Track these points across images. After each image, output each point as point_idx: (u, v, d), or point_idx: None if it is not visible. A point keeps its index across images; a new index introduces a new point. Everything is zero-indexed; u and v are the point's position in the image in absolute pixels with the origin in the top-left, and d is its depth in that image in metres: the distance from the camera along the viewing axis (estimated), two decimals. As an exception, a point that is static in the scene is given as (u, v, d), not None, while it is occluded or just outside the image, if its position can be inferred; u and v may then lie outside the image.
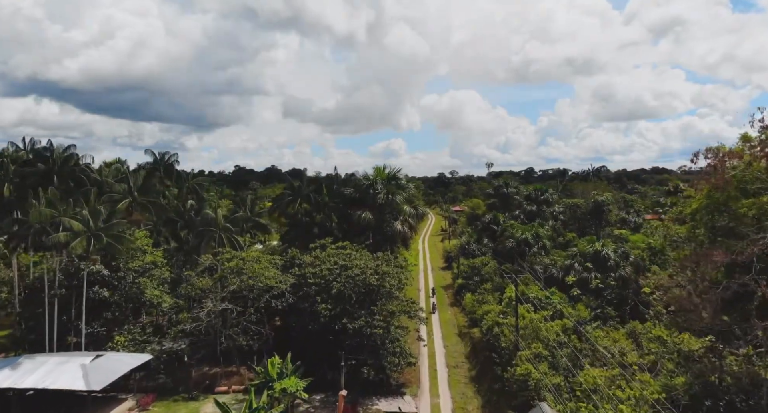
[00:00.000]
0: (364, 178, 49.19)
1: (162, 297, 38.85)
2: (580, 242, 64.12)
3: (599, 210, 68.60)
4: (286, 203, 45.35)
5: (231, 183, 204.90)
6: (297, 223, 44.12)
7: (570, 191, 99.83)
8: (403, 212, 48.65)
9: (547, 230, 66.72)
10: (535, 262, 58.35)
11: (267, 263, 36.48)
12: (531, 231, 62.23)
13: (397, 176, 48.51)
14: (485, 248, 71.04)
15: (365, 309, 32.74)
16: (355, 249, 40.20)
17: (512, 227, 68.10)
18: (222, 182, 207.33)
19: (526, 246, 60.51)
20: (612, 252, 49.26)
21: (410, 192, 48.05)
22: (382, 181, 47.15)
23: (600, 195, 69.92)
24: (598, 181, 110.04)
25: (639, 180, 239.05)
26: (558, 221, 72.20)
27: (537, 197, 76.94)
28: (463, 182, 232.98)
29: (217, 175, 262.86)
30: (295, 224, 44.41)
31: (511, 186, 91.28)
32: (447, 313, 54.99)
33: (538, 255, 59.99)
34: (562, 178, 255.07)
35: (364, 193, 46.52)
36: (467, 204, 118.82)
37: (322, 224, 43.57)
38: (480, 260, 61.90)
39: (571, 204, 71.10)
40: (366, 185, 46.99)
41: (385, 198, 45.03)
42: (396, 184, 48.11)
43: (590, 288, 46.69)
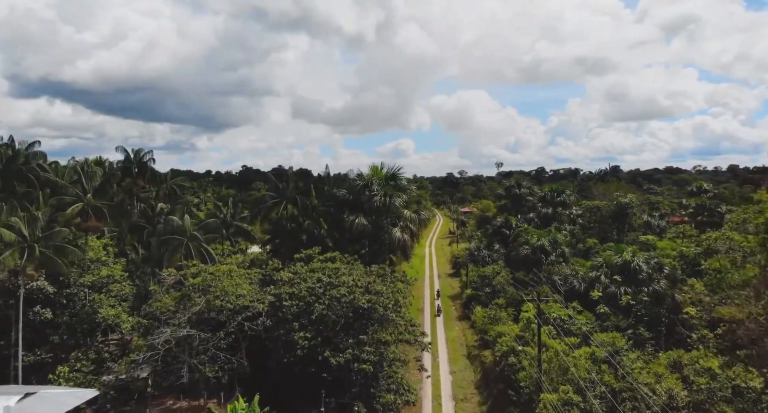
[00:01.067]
0: (358, 177, 43.16)
1: (121, 317, 32.98)
2: (605, 251, 57.51)
3: (623, 213, 61.80)
4: (269, 207, 39.19)
5: (237, 183, 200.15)
6: (281, 230, 37.99)
7: (586, 192, 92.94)
8: (404, 217, 41.75)
9: (565, 235, 60.12)
10: (554, 272, 51.83)
11: (240, 278, 30.41)
12: (548, 236, 55.74)
13: (396, 176, 42.74)
14: (496, 254, 64.56)
15: (353, 337, 26.58)
16: (347, 260, 34.07)
17: (527, 232, 61.59)
18: (228, 183, 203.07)
19: (543, 254, 54.04)
20: (644, 263, 42.66)
21: (412, 194, 41.52)
22: (379, 181, 41.12)
23: (623, 196, 63.13)
24: (616, 181, 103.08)
25: (653, 180, 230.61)
26: (576, 225, 65.51)
27: (553, 199, 70.29)
28: (472, 182, 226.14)
29: (225, 176, 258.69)
30: (279, 231, 38.28)
31: (524, 186, 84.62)
32: (454, 330, 48.67)
33: (556, 263, 53.49)
34: (574, 177, 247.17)
35: (358, 195, 40.24)
36: (476, 205, 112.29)
37: (309, 231, 37.35)
38: (491, 269, 55.46)
39: (591, 207, 64.40)
40: (360, 186, 40.90)
41: (383, 201, 39.02)
42: (395, 185, 42.20)
43: (620, 305, 40.17)
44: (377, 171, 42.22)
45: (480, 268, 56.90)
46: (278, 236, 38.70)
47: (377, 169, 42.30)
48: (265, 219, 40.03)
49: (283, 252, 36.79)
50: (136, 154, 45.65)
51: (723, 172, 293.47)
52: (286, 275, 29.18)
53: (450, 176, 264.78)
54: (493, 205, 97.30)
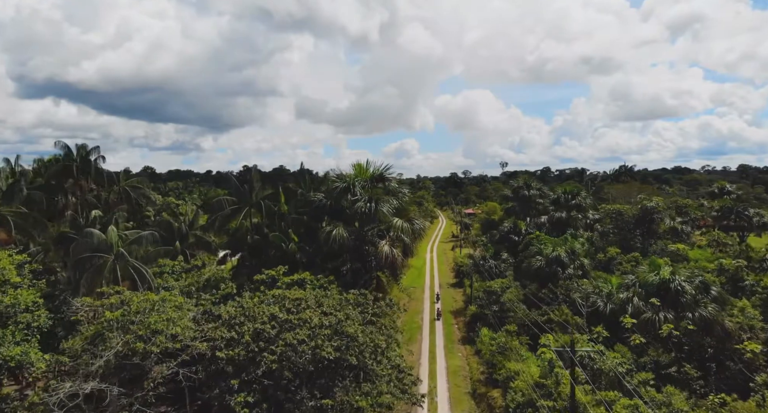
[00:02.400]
0: (337, 178, 34.64)
1: (29, 356, 25.41)
2: (629, 262, 49.63)
3: (648, 219, 53.83)
4: (227, 215, 31.43)
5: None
6: (240, 244, 30.39)
7: (601, 193, 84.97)
8: (393, 227, 32.29)
9: (582, 243, 52.24)
10: (572, 288, 44.07)
11: (173, 311, 22.79)
12: (564, 246, 47.92)
13: (385, 176, 34.44)
14: (504, 264, 56.76)
15: (315, 399, 18.99)
16: (321, 283, 26.45)
17: (539, 240, 53.74)
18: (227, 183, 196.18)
19: (559, 267, 46.27)
20: (686, 282, 34.80)
21: (404, 198, 33.65)
22: (364, 182, 33.89)
23: (648, 200, 55.15)
24: (631, 181, 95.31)
25: (662, 180, 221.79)
26: (595, 232, 57.60)
27: (567, 201, 62.36)
28: (476, 182, 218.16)
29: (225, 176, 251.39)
30: (239, 245, 30.67)
31: (533, 188, 76.70)
32: (456, 357, 40.95)
33: (574, 278, 45.70)
34: (581, 177, 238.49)
35: (338, 200, 32.77)
36: (482, 207, 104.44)
37: (276, 245, 29.77)
38: (499, 283, 47.67)
39: (611, 211, 56.49)
40: (340, 189, 32.78)
41: (367, 207, 31.51)
42: (384, 188, 34.09)
43: (659, 334, 32.37)
44: (361, 170, 34.16)
45: (486, 283, 49.08)
46: (237, 251, 31.16)
47: (361, 168, 34.14)
48: (222, 229, 32.25)
49: (244, 272, 29.38)
50: (79, 151, 38.14)
51: (733, 172, 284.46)
52: (226, 311, 21.48)
53: (454, 176, 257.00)
54: (499, 208, 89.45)
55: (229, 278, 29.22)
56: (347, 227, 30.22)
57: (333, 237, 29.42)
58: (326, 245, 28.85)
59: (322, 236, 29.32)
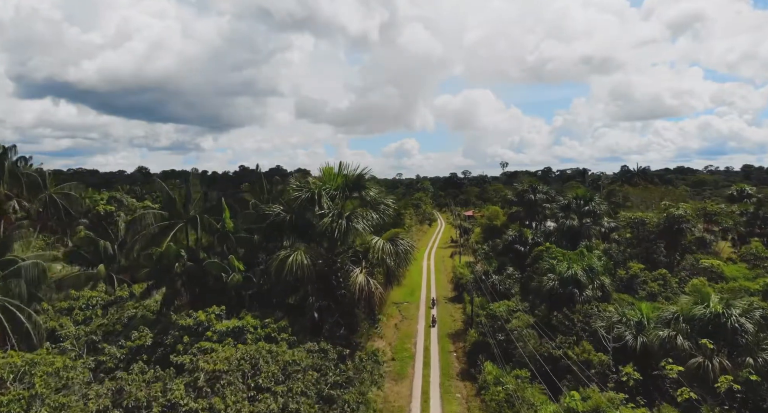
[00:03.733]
0: (299, 186, 25.24)
1: None
2: (655, 281, 42.10)
3: (676, 229, 46.25)
4: (153, 235, 23.66)
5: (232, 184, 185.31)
6: (167, 273, 22.75)
7: (614, 197, 77.33)
8: (372, 249, 24.16)
9: (599, 257, 44.72)
10: (591, 314, 36.63)
11: (42, 383, 15.42)
12: (581, 262, 40.40)
13: (362, 184, 25.13)
14: (510, 280, 49.21)
15: None
16: (267, 331, 19.01)
17: (549, 253, 46.27)
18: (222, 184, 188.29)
19: (576, 288, 38.74)
20: (743, 317, 27.26)
21: (387, 211, 26.06)
22: (334, 191, 24.88)
23: (675, 206, 47.59)
24: (648, 184, 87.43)
25: (665, 181, 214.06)
26: (612, 243, 50.06)
27: (579, 207, 54.76)
28: (476, 183, 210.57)
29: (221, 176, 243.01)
30: (165, 276, 23.02)
31: (540, 191, 69.14)
32: (454, 402, 33.46)
33: (593, 300, 38.24)
34: (582, 177, 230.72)
35: (300, 214, 24.29)
36: (483, 211, 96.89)
37: (215, 276, 22.25)
38: (504, 306, 40.17)
39: (632, 220, 48.90)
40: (302, 201, 24.08)
41: (337, 224, 22.91)
42: (360, 199, 25.32)
43: (714, 388, 24.89)
44: (331, 174, 25.49)
45: (489, 306, 41.54)
46: (163, 283, 23.66)
47: (330, 173, 25.48)
48: (144, 254, 24.32)
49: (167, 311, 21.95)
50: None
51: (736, 172, 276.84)
52: (96, 395, 13.97)
53: (453, 176, 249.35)
54: (502, 212, 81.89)
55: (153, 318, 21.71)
56: (312, 250, 22.71)
57: (289, 265, 22.29)
58: (280, 275, 21.31)
59: (275, 264, 21.69)
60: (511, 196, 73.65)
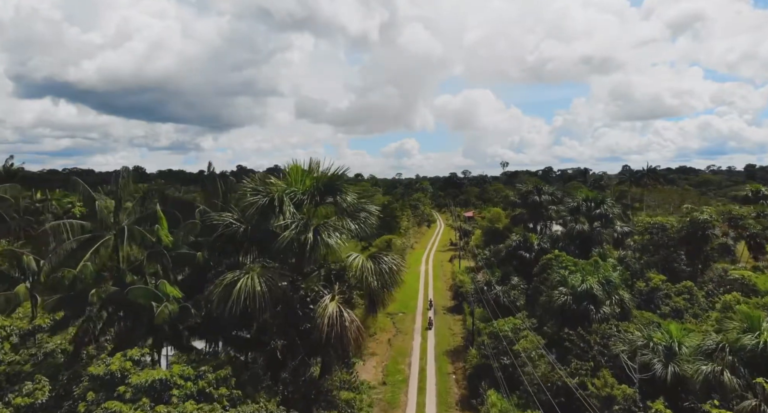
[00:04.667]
0: (255, 188, 19.69)
1: None
2: (679, 296, 37.04)
3: (701, 236, 41.15)
4: (70, 252, 18.31)
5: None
6: (80, 301, 17.20)
7: (625, 199, 72.16)
8: (350, 269, 19.00)
9: (615, 267, 39.71)
10: (609, 334, 31.65)
11: None
12: (596, 274, 35.40)
13: (338, 187, 19.67)
14: (515, 291, 44.13)
15: None
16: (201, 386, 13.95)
17: (559, 262, 41.28)
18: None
19: (591, 303, 33.71)
20: (803, 347, 22.22)
21: (369, 222, 19.75)
22: (300, 196, 19.33)
23: (699, 210, 42.51)
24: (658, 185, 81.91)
25: (668, 181, 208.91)
26: (628, 250, 44.99)
27: (589, 211, 49.69)
28: (476, 183, 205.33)
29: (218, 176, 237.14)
30: (79, 306, 17.53)
31: (545, 192, 64.06)
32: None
33: (612, 318, 33.22)
34: (584, 177, 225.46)
35: (258, 224, 18.72)
36: (484, 213, 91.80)
37: (143, 307, 16.80)
38: (510, 324, 35.14)
39: (651, 225, 43.77)
40: (258, 208, 18.41)
41: (303, 238, 17.46)
42: (336, 205, 19.75)
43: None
44: (299, 173, 19.71)
45: (492, 323, 36.52)
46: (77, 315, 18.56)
47: (298, 173, 19.71)
48: (54, 276, 18.86)
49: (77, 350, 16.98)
50: None
51: (739, 172, 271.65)
52: None
53: (453, 176, 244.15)
54: (504, 214, 76.86)
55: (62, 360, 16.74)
56: (272, 271, 17.62)
57: (237, 293, 16.12)
58: (224, 306, 16.12)
59: (217, 291, 16.78)
60: (514, 197, 68.64)
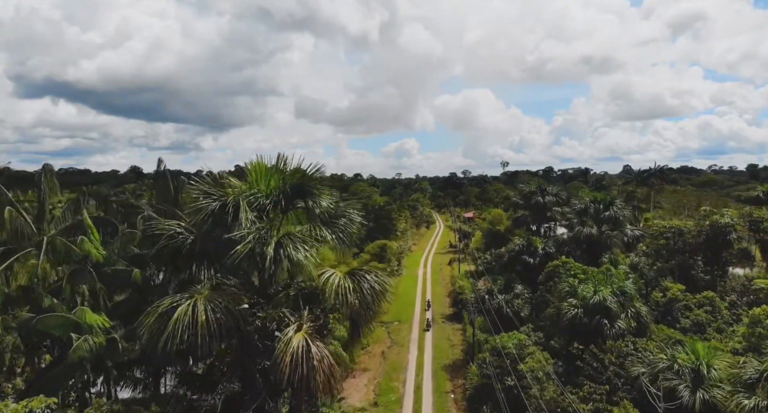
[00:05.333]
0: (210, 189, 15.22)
1: None
2: (701, 308, 33.47)
3: (722, 241, 37.56)
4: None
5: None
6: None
7: (633, 200, 68.52)
8: (324, 289, 14.71)
9: (627, 275, 36.12)
10: (626, 352, 28.16)
11: None
12: (610, 285, 31.81)
13: (309, 188, 15.29)
14: (520, 301, 40.55)
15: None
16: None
17: (568, 269, 37.77)
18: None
19: (604, 317, 30.13)
20: None
21: (350, 230, 15.71)
22: (264, 200, 14.90)
23: (719, 213, 38.92)
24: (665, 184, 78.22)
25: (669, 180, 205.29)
26: (640, 256, 41.40)
27: (598, 213, 46.09)
28: (476, 183, 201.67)
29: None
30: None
31: (549, 193, 60.46)
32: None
33: (628, 333, 29.69)
34: (585, 177, 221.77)
35: (209, 236, 14.42)
36: (484, 214, 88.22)
37: (61, 339, 13.23)
38: (515, 339, 31.55)
39: (666, 229, 40.17)
40: (210, 214, 14.01)
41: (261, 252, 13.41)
42: (308, 210, 15.45)
43: None
44: (262, 172, 15.75)
45: (494, 338, 32.94)
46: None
47: (262, 169, 15.76)
48: None
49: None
50: None
51: (740, 172, 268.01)
52: None
53: (453, 176, 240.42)
54: (505, 216, 73.32)
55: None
56: (225, 293, 14.08)
57: (174, 322, 12.47)
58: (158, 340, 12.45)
59: (149, 321, 12.71)
60: (516, 198, 64.99)
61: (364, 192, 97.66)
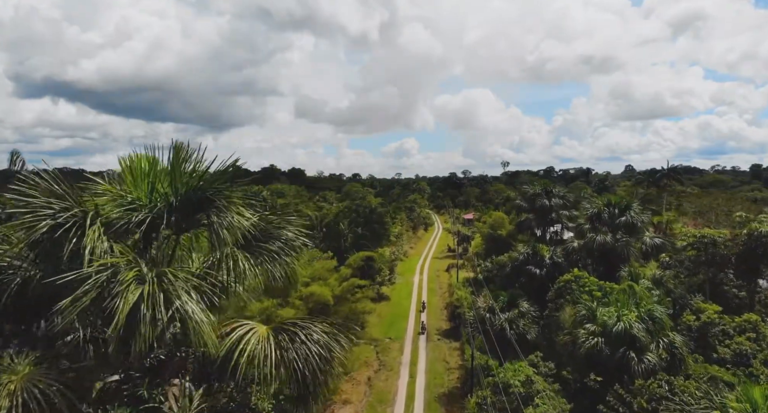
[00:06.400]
0: (50, 198, 8.61)
1: None
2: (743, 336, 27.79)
3: (763, 252, 31.84)
4: None
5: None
6: None
7: (650, 203, 62.84)
8: (237, 358, 8.89)
9: (653, 292, 30.50)
10: (661, 394, 22.57)
11: None
12: (634, 308, 26.20)
13: (218, 195, 9.26)
14: (525, 321, 34.86)
15: None
16: None
17: (581, 284, 32.22)
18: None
19: (631, 350, 24.52)
20: None
21: (286, 258, 9.99)
22: (139, 216, 8.94)
23: (758, 221, 33.25)
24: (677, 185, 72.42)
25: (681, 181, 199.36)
26: (667, 269, 35.70)
27: (612, 218, 40.45)
28: (476, 183, 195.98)
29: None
30: None
31: (555, 195, 54.80)
32: None
33: (660, 369, 24.11)
34: (586, 177, 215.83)
35: (49, 269, 8.16)
36: (485, 217, 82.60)
37: None
38: (522, 375, 25.96)
39: (697, 239, 34.51)
40: (40, 236, 7.98)
41: (116, 303, 7.54)
42: (210, 230, 9.24)
43: None
44: (143, 173, 9.56)
45: (498, 371, 27.30)
46: None
47: (144, 167, 9.61)
48: None
49: None
50: None
51: (744, 172, 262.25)
52: None
53: (453, 176, 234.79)
54: (507, 219, 67.69)
55: None
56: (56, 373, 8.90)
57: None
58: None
59: None
60: (519, 201, 59.32)
61: (358, 193, 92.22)
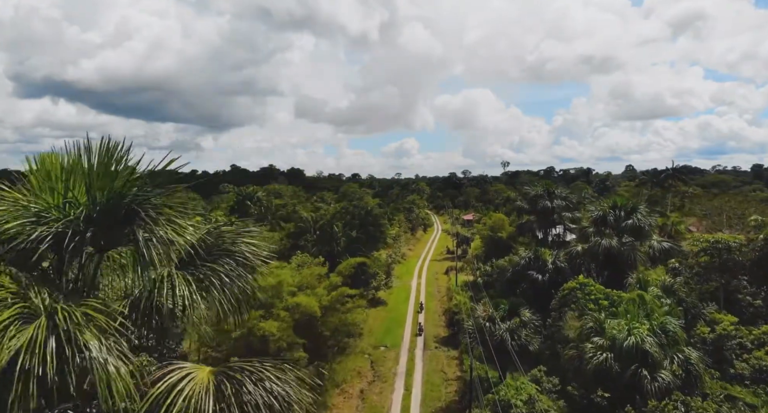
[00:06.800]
0: None
1: None
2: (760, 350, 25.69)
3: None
4: None
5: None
6: None
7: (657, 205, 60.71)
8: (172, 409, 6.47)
9: (663, 300, 28.41)
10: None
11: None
12: (647, 320, 24.15)
13: (145, 202, 7.36)
14: (527, 332, 32.74)
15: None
16: None
17: (586, 292, 30.21)
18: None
19: (643, 367, 22.43)
20: None
21: (241, 280, 8.03)
22: (44, 230, 6.83)
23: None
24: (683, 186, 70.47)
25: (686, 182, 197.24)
26: (677, 276, 33.59)
27: (618, 221, 38.39)
28: (476, 183, 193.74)
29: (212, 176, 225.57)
30: None
31: (558, 196, 52.68)
32: None
33: (675, 389, 22.02)
34: (587, 177, 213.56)
35: None
36: (485, 219, 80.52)
37: None
38: (524, 394, 23.91)
39: (710, 244, 32.45)
40: None
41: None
42: (136, 247, 7.29)
43: None
44: (55, 174, 7.45)
45: (499, 389, 25.21)
46: None
47: (56, 168, 7.47)
48: None
49: None
50: None
51: (745, 172, 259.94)
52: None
53: (453, 176, 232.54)
54: (507, 221, 65.62)
55: None
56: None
57: None
58: None
59: None
60: (520, 202, 57.19)
61: (355, 193, 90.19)
